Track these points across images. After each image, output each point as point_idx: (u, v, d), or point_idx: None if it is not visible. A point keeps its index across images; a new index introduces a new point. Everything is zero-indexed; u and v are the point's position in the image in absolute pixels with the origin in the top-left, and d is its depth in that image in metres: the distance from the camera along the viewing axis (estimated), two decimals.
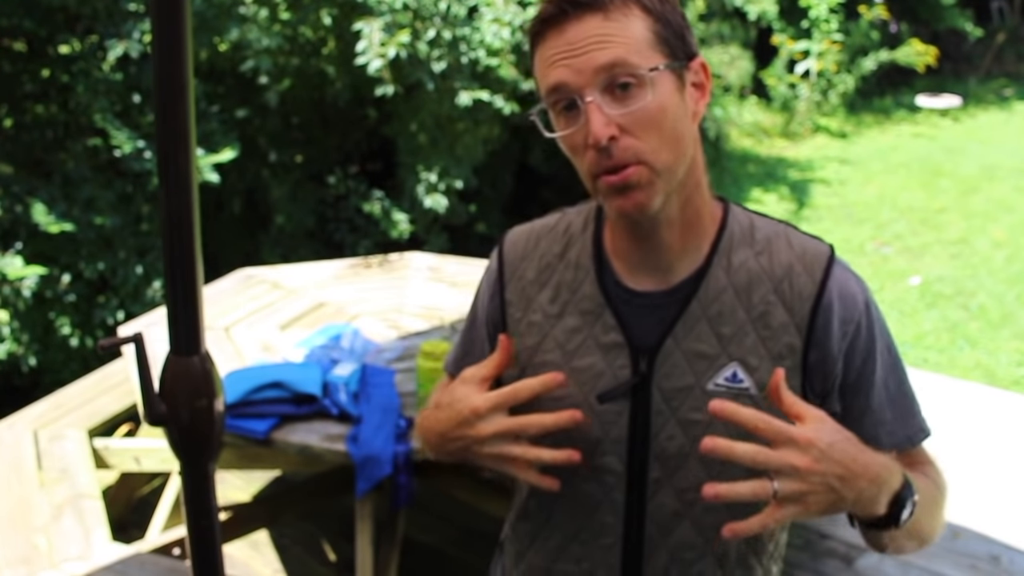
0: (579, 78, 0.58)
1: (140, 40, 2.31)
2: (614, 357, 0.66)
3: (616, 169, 0.59)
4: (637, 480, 0.66)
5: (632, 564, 0.68)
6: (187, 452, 0.72)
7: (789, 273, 0.64)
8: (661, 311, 0.65)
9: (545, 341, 0.68)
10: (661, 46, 0.60)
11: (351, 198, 3.09)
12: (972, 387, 2.74)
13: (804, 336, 0.63)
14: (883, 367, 0.66)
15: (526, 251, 0.71)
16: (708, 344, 0.64)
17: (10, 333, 2.27)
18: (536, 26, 0.61)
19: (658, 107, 0.59)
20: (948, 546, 1.90)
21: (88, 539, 1.53)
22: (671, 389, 0.64)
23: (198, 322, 0.72)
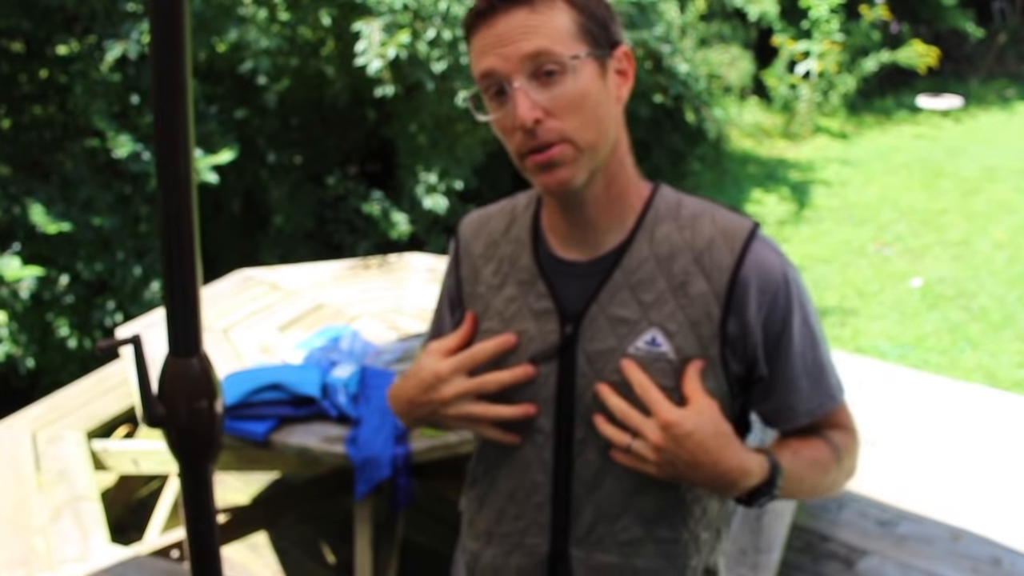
0: (507, 65, 0.63)
1: (139, 41, 2.31)
2: (544, 322, 0.71)
3: (542, 148, 0.64)
4: (565, 439, 0.71)
5: (560, 521, 0.72)
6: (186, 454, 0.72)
7: (710, 246, 0.68)
8: (587, 279, 0.70)
9: (488, 310, 0.74)
10: (584, 36, 0.65)
11: (350, 199, 3.09)
12: (974, 389, 2.73)
13: (722, 305, 0.67)
14: (800, 339, 0.70)
15: (477, 231, 0.78)
16: (630, 310, 0.68)
17: (8, 335, 2.27)
18: (469, 19, 0.66)
19: (579, 91, 0.64)
20: (949, 548, 1.90)
21: (86, 541, 1.52)
22: (594, 352, 0.69)
23: (196, 323, 0.72)
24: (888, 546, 1.91)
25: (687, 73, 3.75)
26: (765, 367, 0.69)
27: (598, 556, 0.71)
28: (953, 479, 2.22)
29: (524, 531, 0.73)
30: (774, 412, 0.72)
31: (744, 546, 1.48)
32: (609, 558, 0.71)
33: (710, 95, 4.45)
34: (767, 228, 4.26)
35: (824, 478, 0.72)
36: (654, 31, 3.27)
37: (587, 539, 0.71)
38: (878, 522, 2.00)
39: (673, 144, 4.17)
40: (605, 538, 0.71)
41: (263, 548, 1.96)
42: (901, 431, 2.47)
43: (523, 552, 0.74)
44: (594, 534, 0.71)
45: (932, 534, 1.95)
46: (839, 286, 3.59)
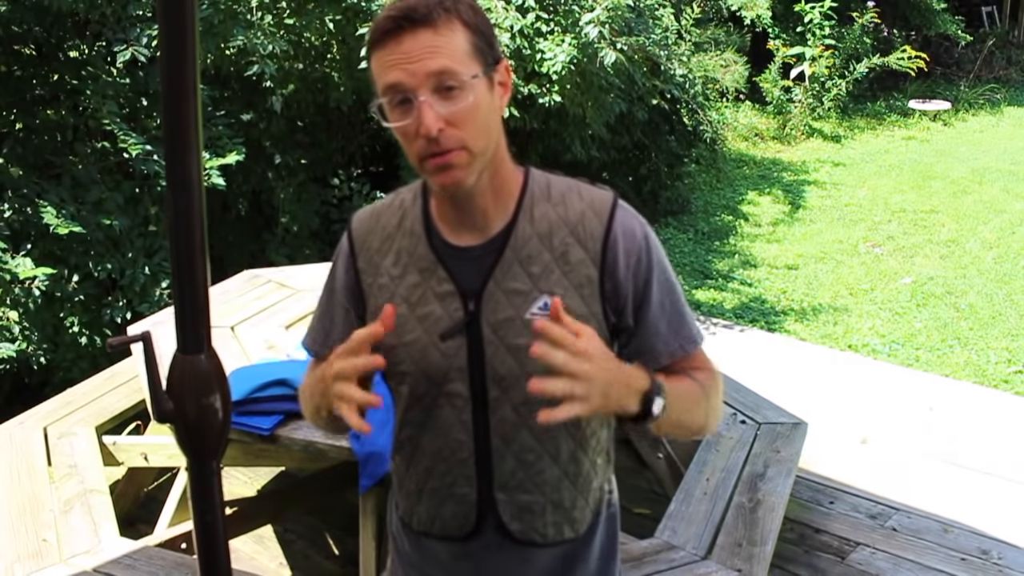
0: (413, 80, 0.70)
1: (148, 45, 2.35)
2: (449, 303, 0.78)
3: (442, 153, 0.72)
4: (480, 400, 0.79)
5: (484, 472, 0.81)
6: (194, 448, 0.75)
7: (582, 218, 0.78)
8: (481, 260, 0.78)
9: (393, 298, 0.80)
10: (477, 55, 0.73)
11: (355, 200, 3.12)
12: (962, 386, 2.78)
13: (599, 267, 0.77)
14: (659, 290, 0.80)
15: (370, 226, 0.84)
16: (522, 282, 0.77)
17: (20, 332, 2.29)
18: (375, 36, 0.72)
19: (475, 105, 0.72)
20: (939, 540, 1.94)
21: (97, 534, 1.55)
22: (496, 322, 0.77)
23: (205, 321, 0.75)
24: (879, 538, 1.95)
25: (683, 77, 3.81)
26: (632, 316, 0.79)
27: (521, 496, 0.81)
28: (943, 473, 2.27)
29: (452, 484, 0.82)
30: (639, 354, 0.80)
31: (739, 538, 1.52)
32: (531, 497, 0.81)
33: (706, 98, 4.51)
34: (761, 228, 4.32)
35: (696, 408, 0.81)
36: (651, 36, 3.32)
37: (509, 483, 0.81)
38: (869, 515, 2.05)
39: (669, 146, 4.22)
40: (525, 481, 0.81)
41: (269, 540, 1.99)
42: (891, 427, 2.52)
43: (454, 501, 0.82)
44: (515, 478, 0.80)
45: (922, 527, 1.99)
46: (831, 285, 3.65)
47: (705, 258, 3.89)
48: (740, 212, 4.49)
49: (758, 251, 3.99)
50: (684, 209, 4.39)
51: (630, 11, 3.11)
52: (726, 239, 4.12)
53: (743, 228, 4.28)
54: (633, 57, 3.28)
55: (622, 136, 3.88)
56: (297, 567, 1.91)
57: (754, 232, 4.24)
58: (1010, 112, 6.55)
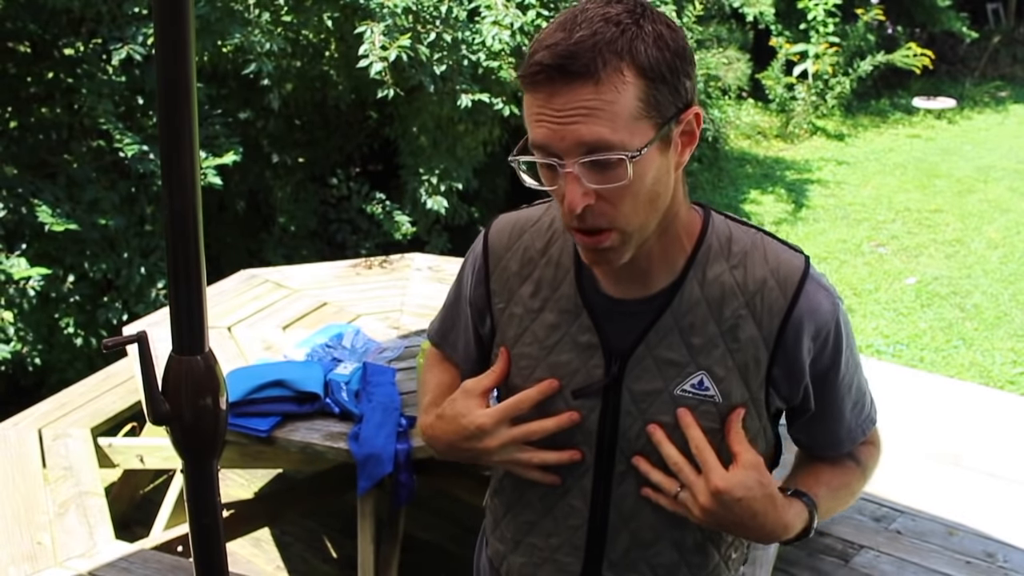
0: (561, 145, 0.60)
1: (144, 43, 2.33)
2: (588, 356, 0.70)
3: (590, 232, 0.63)
4: (605, 470, 0.71)
5: (596, 544, 0.73)
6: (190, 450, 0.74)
7: (762, 288, 0.67)
8: (636, 318, 0.69)
9: (525, 334, 0.72)
10: (650, 113, 0.60)
11: (353, 199, 3.11)
12: (967, 387, 2.76)
13: (771, 350, 0.67)
14: (847, 372, 0.71)
15: (510, 243, 0.75)
16: (678, 353, 0.68)
17: (15, 333, 2.28)
18: (526, 77, 0.60)
19: (635, 183, 0.61)
20: (944, 543, 1.92)
21: (92, 536, 1.54)
22: (640, 392, 0.69)
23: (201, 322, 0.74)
24: (883, 541, 1.93)
25: None
26: (813, 403, 0.70)
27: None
28: (948, 475, 2.25)
29: (557, 548, 0.74)
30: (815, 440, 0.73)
31: None
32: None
33: (708, 96, 4.48)
34: (764, 227, 4.29)
35: (851, 499, 0.75)
36: None
37: (621, 563, 0.73)
38: (874, 517, 2.03)
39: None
40: (639, 563, 0.72)
41: (267, 543, 1.98)
42: (896, 428, 2.49)
43: (555, 567, 0.75)
44: (628, 559, 0.72)
45: (927, 529, 1.97)
46: (835, 284, 3.60)
47: None
48: (743, 211, 4.47)
49: None
50: None
51: None
52: None
53: None
54: None
55: None
56: (295, 570, 1.90)
57: None
58: (1015, 110, 6.50)
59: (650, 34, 0.59)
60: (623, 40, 0.58)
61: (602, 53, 0.57)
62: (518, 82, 0.65)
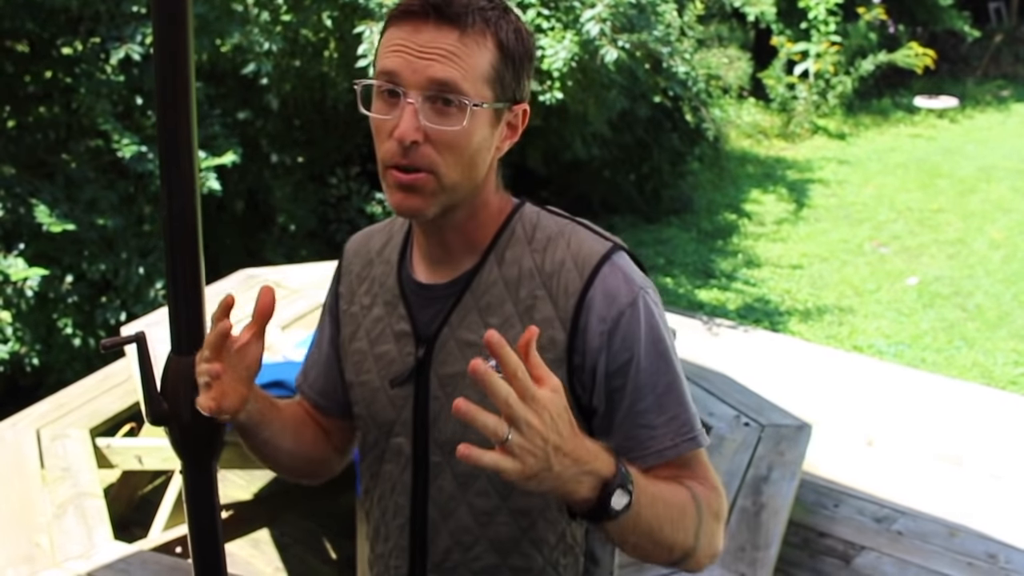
0: (412, 77, 0.62)
1: (142, 43, 2.33)
2: (403, 344, 0.71)
3: (407, 169, 0.63)
4: (422, 463, 0.70)
5: (419, 546, 0.71)
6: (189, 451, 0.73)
7: (560, 270, 0.66)
8: (441, 302, 0.70)
9: (359, 330, 0.74)
10: (495, 84, 0.64)
11: (352, 199, 3.11)
12: (969, 387, 2.75)
13: (568, 331, 0.65)
14: (649, 368, 0.65)
15: (358, 248, 0.78)
16: (477, 334, 0.67)
17: (13, 333, 2.28)
18: (398, 11, 0.64)
19: (466, 135, 0.62)
20: (946, 544, 1.91)
21: (90, 538, 1.53)
22: (446, 375, 0.68)
23: (200, 322, 0.73)
24: (885, 542, 1.93)
25: (686, 74, 3.78)
26: (605, 398, 0.65)
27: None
28: (949, 476, 2.24)
29: (389, 553, 0.73)
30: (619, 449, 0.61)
31: (742, 543, 1.50)
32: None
33: (709, 95, 4.47)
34: (765, 227, 4.28)
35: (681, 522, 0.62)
36: (653, 33, 3.29)
37: (442, 565, 0.70)
38: (875, 518, 2.02)
39: (672, 144, 4.19)
40: (459, 566, 0.69)
41: (265, 544, 1.97)
42: (898, 429, 2.49)
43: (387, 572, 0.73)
44: (449, 560, 0.70)
45: (929, 530, 1.97)
46: (836, 285, 3.61)
47: (708, 257, 3.86)
48: (744, 211, 4.46)
49: (762, 250, 3.96)
50: (687, 208, 4.36)
51: (632, 7, 3.07)
52: (729, 238, 4.09)
53: (747, 227, 4.24)
54: (635, 54, 3.25)
55: (624, 134, 3.86)
56: (293, 571, 1.89)
57: (758, 231, 4.20)
58: (1018, 109, 6.49)
59: (512, 23, 0.64)
60: (493, 14, 0.63)
61: (474, 13, 0.62)
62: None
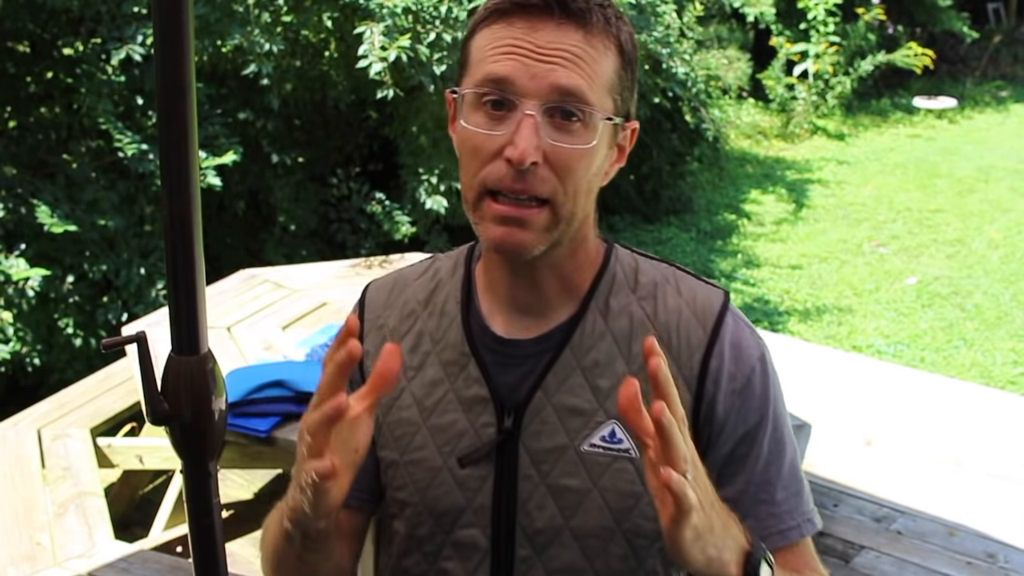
0: (530, 84, 0.51)
1: (143, 43, 2.33)
2: (477, 413, 0.58)
3: (519, 199, 0.52)
4: (505, 559, 0.57)
5: None
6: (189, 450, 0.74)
7: (677, 321, 0.57)
8: (531, 361, 0.58)
9: (402, 396, 0.60)
10: (616, 95, 0.55)
11: (353, 199, 3.11)
12: (968, 387, 2.75)
13: (694, 390, 0.56)
14: (773, 438, 0.58)
15: (389, 300, 0.64)
16: (583, 399, 0.57)
17: (14, 333, 2.29)
18: (506, 5, 0.53)
19: (590, 156, 0.54)
20: (945, 543, 1.92)
21: (91, 537, 1.54)
22: (540, 450, 0.57)
23: (200, 322, 0.73)
24: (884, 542, 1.93)
25: (685, 74, 3.79)
26: (725, 464, 0.57)
27: None
28: (948, 476, 2.25)
29: None
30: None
31: None
32: None
33: (708, 96, 4.48)
34: (765, 227, 4.29)
35: None
36: (653, 34, 3.30)
37: None
38: (874, 518, 2.02)
39: (672, 144, 4.19)
40: None
41: None
42: (897, 428, 2.49)
43: None
44: None
45: (928, 530, 1.97)
46: (835, 285, 3.62)
47: (708, 258, 3.86)
48: (743, 211, 4.47)
49: (761, 251, 3.97)
50: (686, 208, 4.37)
51: (631, 8, 3.08)
52: (729, 238, 4.09)
53: (746, 227, 4.25)
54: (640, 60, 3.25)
55: None
56: None
57: (757, 231, 4.21)
58: (1016, 110, 6.49)
59: (627, 24, 0.56)
60: (611, 12, 0.54)
61: (596, 11, 0.53)
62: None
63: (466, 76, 0.55)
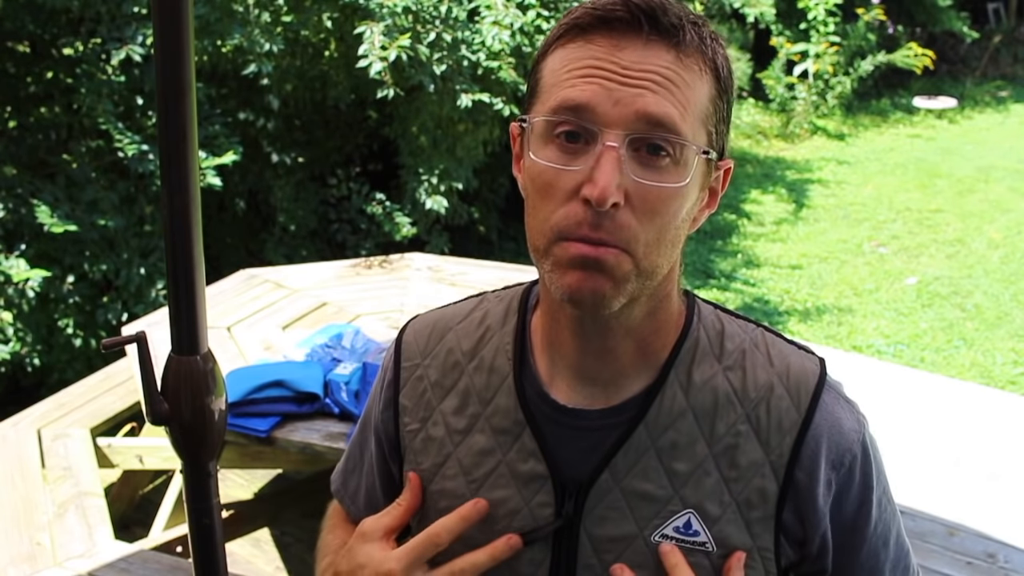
0: (614, 111, 0.44)
1: (143, 43, 2.33)
2: (533, 492, 0.52)
3: (595, 242, 0.45)
4: None
5: None
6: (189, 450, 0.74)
7: (768, 397, 0.51)
8: (598, 435, 0.51)
9: (447, 464, 0.54)
10: (711, 127, 0.47)
11: (353, 199, 3.11)
12: (968, 387, 2.75)
13: (781, 480, 0.50)
14: (880, 521, 0.53)
15: (429, 346, 0.57)
16: (656, 483, 0.51)
17: (14, 334, 2.29)
18: (586, 19, 0.46)
19: (681, 196, 0.46)
20: (945, 543, 1.92)
21: (91, 537, 1.54)
22: (605, 538, 0.51)
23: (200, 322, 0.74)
24: None
25: None
26: (830, 558, 0.52)
27: None
28: (948, 475, 2.25)
29: None
30: None
31: None
32: None
33: None
34: (765, 227, 4.28)
35: None
36: None
37: None
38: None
39: None
40: None
41: (266, 544, 1.97)
42: (896, 428, 2.49)
43: None
44: None
45: (927, 530, 1.97)
46: (836, 285, 3.62)
47: (708, 258, 3.86)
48: (743, 211, 4.46)
49: (761, 250, 3.97)
50: None
51: None
52: (729, 238, 4.09)
53: (746, 227, 4.25)
54: None
55: None
56: (294, 570, 1.89)
57: (757, 231, 4.21)
58: (1016, 109, 6.49)
59: (723, 46, 0.48)
60: (706, 31, 0.47)
61: (690, 29, 0.45)
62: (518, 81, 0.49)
63: (536, 103, 0.47)
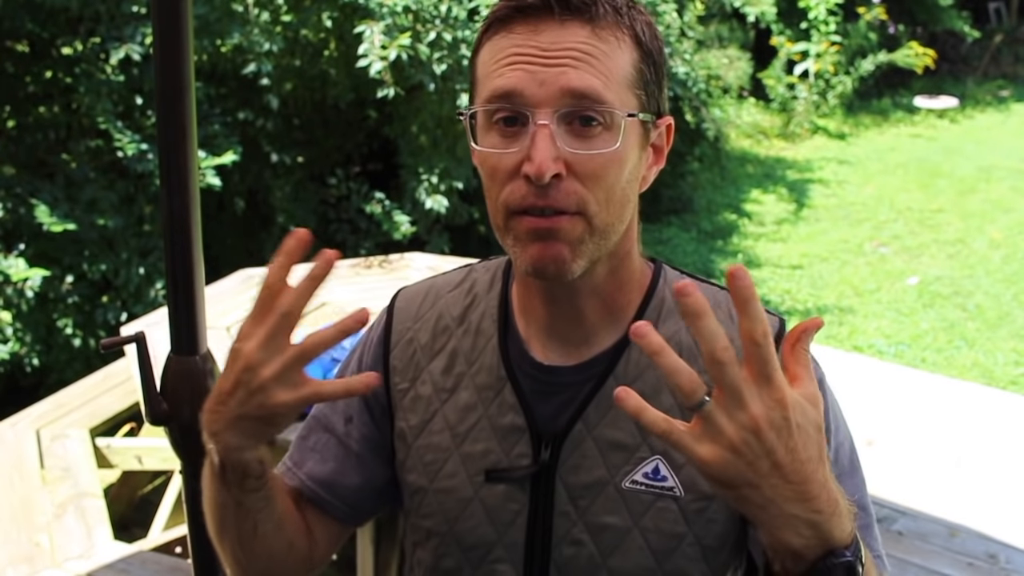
0: (539, 91, 0.48)
1: (142, 43, 2.33)
2: (512, 443, 0.54)
3: (546, 212, 0.48)
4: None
5: None
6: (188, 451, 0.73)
7: None
8: (571, 390, 0.54)
9: (434, 420, 0.57)
10: (639, 90, 0.50)
11: (352, 199, 3.11)
12: (970, 387, 2.75)
13: None
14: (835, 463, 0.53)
15: (421, 311, 0.60)
16: (626, 432, 0.53)
17: (13, 334, 2.29)
18: (501, 12, 0.49)
19: (619, 159, 0.49)
20: (946, 544, 1.91)
21: (90, 537, 1.54)
22: (579, 484, 0.53)
23: (199, 322, 0.73)
24: (885, 542, 1.90)
25: (686, 74, 3.78)
26: None
27: None
28: (949, 476, 2.24)
29: None
30: None
31: None
32: None
33: (709, 95, 4.47)
34: (765, 227, 4.28)
35: None
36: None
37: None
38: (875, 518, 2.02)
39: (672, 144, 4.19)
40: None
41: None
42: (898, 429, 2.48)
43: None
44: None
45: (929, 530, 1.96)
46: (836, 285, 3.61)
47: (708, 257, 3.86)
48: (744, 211, 4.46)
49: (762, 250, 3.96)
50: (687, 208, 4.36)
51: None
52: (729, 238, 4.09)
53: (747, 227, 4.24)
54: None
55: None
56: None
57: (758, 231, 4.20)
58: (1017, 109, 6.49)
59: (642, 15, 0.51)
60: (622, 2, 0.50)
61: (601, 4, 0.49)
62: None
63: (475, 96, 0.51)
